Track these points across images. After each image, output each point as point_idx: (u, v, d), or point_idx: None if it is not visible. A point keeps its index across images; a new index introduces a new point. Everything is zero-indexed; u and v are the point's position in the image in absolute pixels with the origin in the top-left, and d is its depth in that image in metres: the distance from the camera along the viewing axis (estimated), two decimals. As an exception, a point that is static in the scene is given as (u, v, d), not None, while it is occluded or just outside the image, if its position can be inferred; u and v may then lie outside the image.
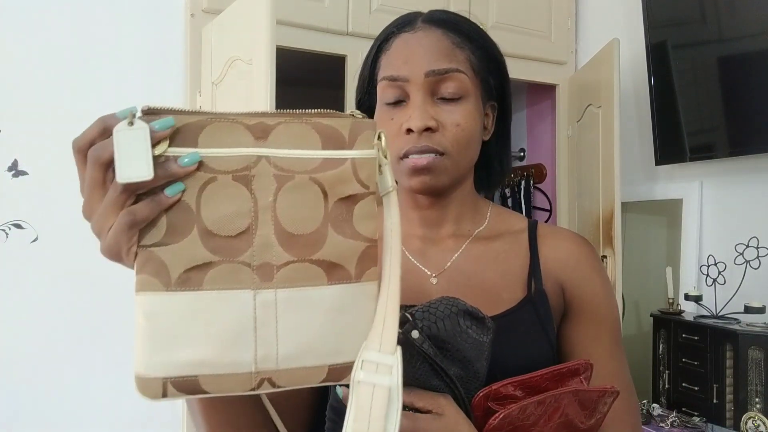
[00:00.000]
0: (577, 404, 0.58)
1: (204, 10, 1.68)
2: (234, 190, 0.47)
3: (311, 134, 0.49)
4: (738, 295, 1.54)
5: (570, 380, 0.60)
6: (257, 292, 0.47)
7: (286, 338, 0.47)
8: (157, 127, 0.45)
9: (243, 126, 0.48)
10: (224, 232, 0.47)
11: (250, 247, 0.47)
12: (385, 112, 0.71)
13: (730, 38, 1.62)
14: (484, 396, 0.57)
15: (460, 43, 0.70)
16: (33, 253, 1.62)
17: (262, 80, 1.34)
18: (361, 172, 0.49)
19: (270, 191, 0.47)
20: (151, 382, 0.46)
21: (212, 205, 0.47)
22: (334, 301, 0.49)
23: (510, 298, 0.70)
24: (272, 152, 0.48)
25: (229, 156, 0.47)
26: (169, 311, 0.46)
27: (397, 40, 0.71)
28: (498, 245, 0.75)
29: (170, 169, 0.45)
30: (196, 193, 0.47)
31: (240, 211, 0.47)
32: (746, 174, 1.67)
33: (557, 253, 0.74)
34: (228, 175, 0.47)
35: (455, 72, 0.68)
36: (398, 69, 0.69)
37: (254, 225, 0.47)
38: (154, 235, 0.46)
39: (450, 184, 0.71)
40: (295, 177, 0.48)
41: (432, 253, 0.75)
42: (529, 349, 0.68)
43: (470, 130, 0.69)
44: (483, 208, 0.79)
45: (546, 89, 2.31)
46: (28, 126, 1.62)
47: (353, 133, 0.50)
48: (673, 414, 1.50)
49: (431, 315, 0.56)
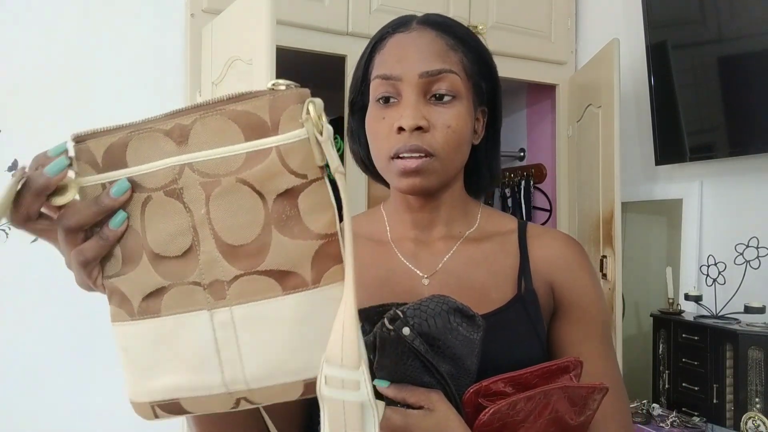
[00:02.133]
0: (567, 401, 0.59)
1: (204, 10, 1.68)
2: (169, 206, 0.43)
3: (229, 126, 0.42)
4: (738, 295, 1.54)
5: (560, 377, 0.61)
6: (213, 312, 0.44)
7: (250, 358, 0.43)
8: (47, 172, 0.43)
9: (161, 133, 0.43)
10: (170, 253, 0.44)
11: (197, 266, 0.44)
12: (377, 110, 0.71)
13: (730, 38, 1.62)
14: (475, 392, 0.58)
15: (453, 46, 0.70)
16: (33, 253, 1.62)
17: (262, 80, 1.34)
18: (291, 160, 0.42)
19: (201, 202, 0.43)
20: (142, 407, 0.47)
21: (154, 227, 0.44)
22: (294, 313, 0.43)
23: (500, 298, 0.71)
24: (192, 157, 0.42)
25: (154, 170, 0.43)
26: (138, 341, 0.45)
27: (391, 40, 0.72)
28: (488, 246, 0.76)
29: (103, 203, 0.44)
30: (139, 215, 0.44)
31: (180, 228, 0.44)
32: (746, 174, 1.67)
33: (546, 253, 0.74)
34: (160, 191, 0.43)
35: (448, 73, 0.68)
36: (392, 68, 0.69)
37: (196, 241, 0.43)
38: (113, 266, 0.46)
39: (439, 186, 0.72)
40: (221, 181, 0.42)
41: (424, 255, 0.75)
42: (518, 347, 0.69)
43: (460, 131, 0.69)
44: (473, 210, 0.79)
45: (546, 89, 2.31)
46: (28, 126, 1.62)
47: (274, 113, 0.42)
48: (673, 414, 1.50)
49: (422, 312, 0.56)
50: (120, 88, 1.72)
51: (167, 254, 0.44)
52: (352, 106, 0.78)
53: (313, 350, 0.43)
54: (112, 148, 0.44)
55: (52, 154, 0.44)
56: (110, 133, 0.44)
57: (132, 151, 0.44)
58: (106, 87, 1.70)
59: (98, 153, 0.44)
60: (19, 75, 1.62)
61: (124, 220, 0.44)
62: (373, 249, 0.77)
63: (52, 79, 1.65)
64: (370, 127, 0.72)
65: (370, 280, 0.75)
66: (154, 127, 0.43)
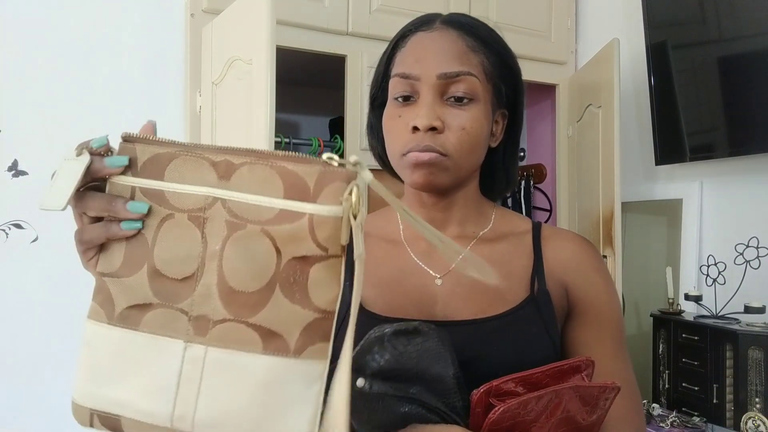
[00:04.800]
0: (579, 400, 0.59)
1: (204, 10, 1.68)
2: (188, 231, 0.44)
3: (274, 179, 0.43)
4: (738, 295, 1.54)
5: (571, 377, 0.61)
6: (188, 345, 0.44)
7: (206, 402, 0.43)
8: (108, 163, 0.45)
9: (208, 162, 0.44)
10: (171, 274, 0.44)
11: (191, 295, 0.44)
12: (394, 108, 0.71)
13: (730, 38, 1.62)
14: (486, 392, 0.57)
15: (474, 47, 0.70)
16: (33, 253, 1.62)
17: (262, 80, 1.34)
18: (320, 231, 0.43)
19: (220, 238, 0.44)
20: (81, 410, 0.46)
21: (165, 244, 0.45)
22: (265, 374, 0.42)
23: (513, 299, 0.71)
24: (228, 195, 0.44)
25: (188, 193, 0.44)
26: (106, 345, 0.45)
27: (413, 38, 0.72)
28: (502, 247, 0.75)
29: (116, 208, 0.45)
30: (155, 228, 0.45)
31: (189, 254, 0.44)
32: (746, 174, 1.67)
33: (561, 254, 0.74)
34: (185, 214, 0.44)
35: (466, 75, 0.68)
36: (411, 67, 0.69)
37: (200, 271, 0.44)
38: (110, 265, 0.46)
39: (451, 184, 0.71)
40: (247, 226, 0.43)
41: (437, 255, 0.75)
42: (530, 347, 0.68)
43: (476, 134, 0.69)
44: (487, 211, 0.79)
45: (546, 89, 2.31)
46: (28, 126, 1.62)
47: (320, 183, 0.43)
48: (673, 414, 1.50)
49: (365, 355, 0.55)
50: (120, 88, 1.72)
51: (167, 274, 0.44)
52: (372, 101, 0.78)
53: (269, 418, 0.42)
54: (156, 158, 0.45)
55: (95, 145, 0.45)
56: (160, 144, 0.45)
57: (174, 168, 0.45)
58: (106, 87, 1.70)
59: (142, 157, 0.45)
60: (19, 75, 1.62)
61: (136, 228, 0.45)
62: (386, 248, 0.77)
63: (52, 79, 1.65)
64: (386, 124, 0.72)
65: (383, 280, 0.74)
66: (203, 154, 0.45)
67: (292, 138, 1.99)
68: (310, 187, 0.43)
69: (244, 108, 1.45)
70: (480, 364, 0.64)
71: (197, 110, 1.70)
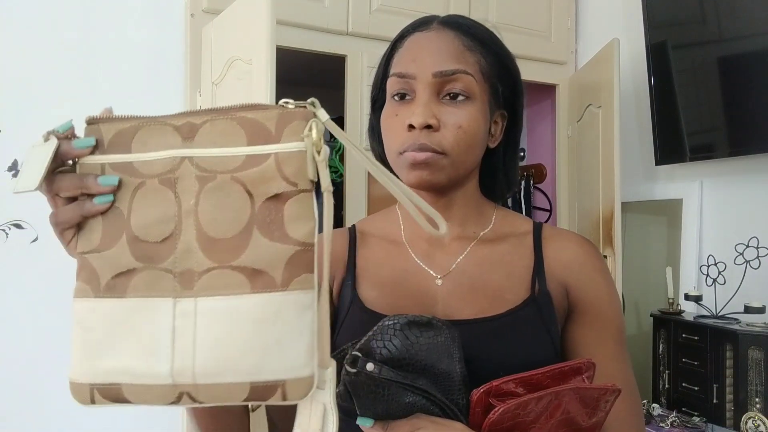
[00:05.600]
0: (579, 402, 0.59)
1: (204, 10, 1.68)
2: (160, 194, 0.45)
3: (236, 130, 0.45)
4: (738, 295, 1.54)
5: (572, 378, 0.61)
6: (177, 300, 0.44)
7: (204, 351, 0.44)
8: (75, 145, 0.46)
9: (171, 127, 0.46)
10: (150, 238, 0.45)
11: (173, 254, 0.45)
12: (391, 106, 0.72)
13: (730, 38, 1.62)
14: (485, 392, 0.57)
15: (471, 47, 0.70)
16: (33, 253, 1.62)
17: (262, 80, 1.34)
18: (287, 167, 0.45)
19: (192, 193, 0.45)
20: (80, 388, 0.46)
21: (140, 211, 0.46)
22: (258, 312, 0.44)
23: (514, 299, 0.71)
24: (194, 152, 0.45)
25: (155, 159, 0.46)
26: (97, 317, 0.46)
27: (410, 39, 0.72)
28: (503, 247, 0.75)
29: (88, 184, 0.47)
30: (128, 199, 0.46)
31: (165, 215, 0.45)
32: (746, 174, 1.67)
33: (562, 255, 0.74)
34: (155, 179, 0.46)
35: (462, 73, 0.68)
36: (407, 66, 0.70)
37: (178, 230, 0.45)
38: (90, 242, 0.47)
39: (449, 183, 0.71)
40: (216, 177, 0.45)
41: (438, 255, 0.75)
42: (530, 348, 0.68)
43: (472, 132, 0.69)
44: (488, 211, 0.79)
45: (546, 89, 2.31)
46: (28, 126, 1.62)
47: (280, 124, 0.45)
48: (673, 414, 1.50)
49: (378, 341, 0.56)
50: (120, 87, 1.72)
51: (147, 239, 0.45)
52: (373, 103, 0.78)
53: (268, 353, 0.44)
54: (121, 134, 0.47)
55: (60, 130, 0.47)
56: (123, 120, 0.47)
57: (139, 140, 0.46)
58: (106, 87, 1.70)
59: (107, 135, 0.47)
60: (19, 75, 1.62)
61: (109, 202, 0.46)
62: (387, 249, 0.78)
63: (52, 79, 1.65)
64: (384, 122, 0.73)
65: (384, 280, 0.75)
66: (166, 121, 0.46)
67: (292, 138, 1.98)
68: (272, 130, 0.45)
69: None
70: (480, 364, 0.64)
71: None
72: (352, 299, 0.74)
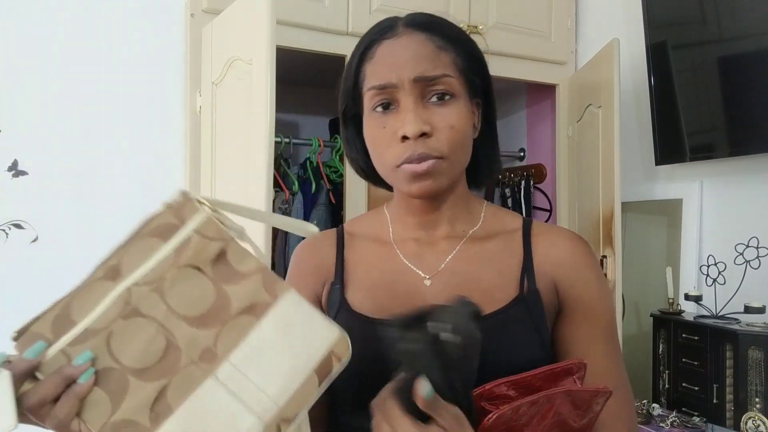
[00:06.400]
0: (570, 404, 0.59)
1: (204, 10, 1.68)
2: (132, 326, 0.49)
3: (150, 242, 0.52)
4: (738, 295, 1.54)
5: (563, 380, 0.61)
6: (215, 374, 0.49)
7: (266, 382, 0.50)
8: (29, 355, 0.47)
9: (96, 281, 0.50)
10: (152, 360, 0.49)
11: (181, 353, 0.49)
12: (375, 119, 0.70)
13: (730, 38, 1.62)
14: (478, 396, 0.57)
15: (443, 46, 0.69)
16: (33, 253, 1.62)
17: (262, 80, 1.34)
18: (208, 232, 0.53)
19: (158, 303, 0.50)
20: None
21: (127, 351, 0.49)
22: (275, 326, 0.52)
23: (503, 298, 0.70)
24: (132, 279, 0.50)
25: (104, 310, 0.49)
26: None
27: (380, 48, 0.70)
28: (492, 245, 0.75)
29: (68, 373, 0.47)
30: (107, 353, 0.48)
31: (150, 336, 0.49)
32: (746, 174, 1.67)
33: (551, 252, 0.74)
34: (118, 320, 0.49)
35: (443, 77, 0.68)
36: (385, 77, 0.68)
37: (170, 335, 0.49)
38: (102, 413, 0.47)
39: (449, 185, 0.71)
40: (165, 277, 0.51)
41: (427, 255, 0.75)
42: (520, 347, 0.68)
43: (463, 131, 0.69)
44: (476, 208, 0.79)
45: (546, 89, 2.31)
46: (28, 126, 1.62)
47: (179, 214, 0.53)
48: (673, 414, 1.50)
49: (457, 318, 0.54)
50: (120, 87, 1.72)
51: (150, 363, 0.49)
52: (344, 114, 0.77)
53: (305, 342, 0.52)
54: (57, 319, 0.49)
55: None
56: (50, 309, 0.49)
57: (76, 310, 0.49)
58: (106, 87, 1.70)
59: (45, 329, 0.49)
60: (19, 75, 1.62)
61: (93, 374, 0.48)
62: (376, 250, 0.77)
63: (52, 79, 1.65)
64: (369, 136, 0.71)
65: (372, 282, 0.74)
66: (87, 281, 0.50)
67: (292, 138, 1.99)
68: (176, 222, 0.53)
69: (244, 108, 1.45)
70: None
71: (197, 110, 1.70)
72: (340, 303, 0.73)
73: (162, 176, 1.76)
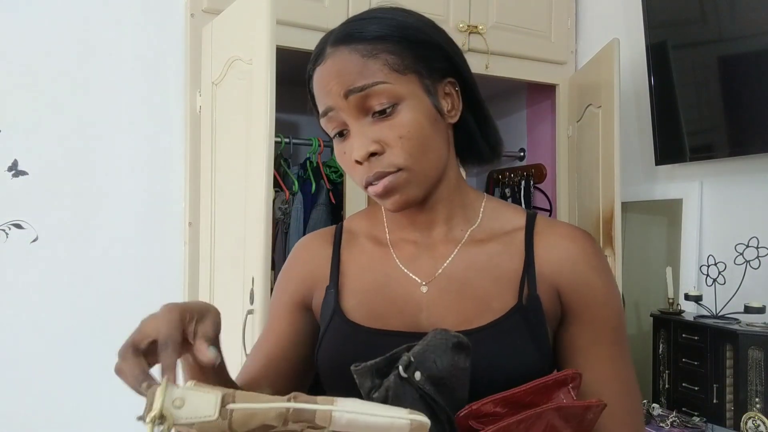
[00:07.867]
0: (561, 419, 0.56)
1: (204, 10, 1.68)
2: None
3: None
4: (738, 295, 1.54)
5: (556, 392, 0.58)
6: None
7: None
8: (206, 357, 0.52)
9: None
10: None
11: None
12: (338, 146, 0.70)
13: (730, 38, 1.62)
14: (465, 415, 0.55)
15: (370, 52, 0.66)
16: (33, 253, 1.62)
17: (262, 80, 1.34)
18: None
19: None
20: None
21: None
22: None
23: (500, 307, 0.68)
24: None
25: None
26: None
27: (315, 75, 0.71)
28: (492, 248, 0.72)
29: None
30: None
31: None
32: (746, 174, 1.67)
33: (553, 253, 0.70)
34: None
35: (371, 86, 0.64)
36: (323, 102, 0.68)
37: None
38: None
39: (425, 192, 0.69)
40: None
41: (423, 260, 0.73)
42: (515, 360, 0.65)
43: (418, 134, 0.65)
44: (475, 203, 0.76)
45: (546, 89, 2.31)
46: (28, 126, 1.62)
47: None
48: (673, 414, 1.50)
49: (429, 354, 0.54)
50: (120, 87, 1.72)
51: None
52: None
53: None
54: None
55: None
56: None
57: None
58: (106, 87, 1.70)
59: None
60: (19, 75, 1.62)
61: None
62: (371, 252, 0.76)
63: (52, 78, 1.65)
64: (339, 162, 0.72)
65: (366, 287, 0.73)
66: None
67: (292, 138, 1.98)
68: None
69: (244, 108, 1.45)
70: None
71: (197, 110, 1.70)
72: (333, 310, 0.72)
73: (162, 176, 1.76)
